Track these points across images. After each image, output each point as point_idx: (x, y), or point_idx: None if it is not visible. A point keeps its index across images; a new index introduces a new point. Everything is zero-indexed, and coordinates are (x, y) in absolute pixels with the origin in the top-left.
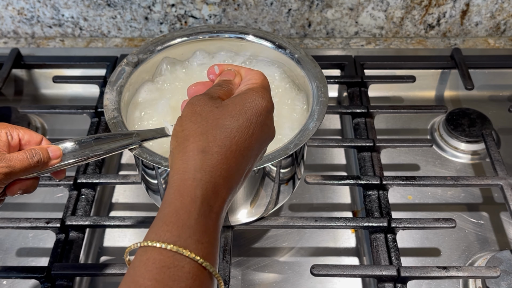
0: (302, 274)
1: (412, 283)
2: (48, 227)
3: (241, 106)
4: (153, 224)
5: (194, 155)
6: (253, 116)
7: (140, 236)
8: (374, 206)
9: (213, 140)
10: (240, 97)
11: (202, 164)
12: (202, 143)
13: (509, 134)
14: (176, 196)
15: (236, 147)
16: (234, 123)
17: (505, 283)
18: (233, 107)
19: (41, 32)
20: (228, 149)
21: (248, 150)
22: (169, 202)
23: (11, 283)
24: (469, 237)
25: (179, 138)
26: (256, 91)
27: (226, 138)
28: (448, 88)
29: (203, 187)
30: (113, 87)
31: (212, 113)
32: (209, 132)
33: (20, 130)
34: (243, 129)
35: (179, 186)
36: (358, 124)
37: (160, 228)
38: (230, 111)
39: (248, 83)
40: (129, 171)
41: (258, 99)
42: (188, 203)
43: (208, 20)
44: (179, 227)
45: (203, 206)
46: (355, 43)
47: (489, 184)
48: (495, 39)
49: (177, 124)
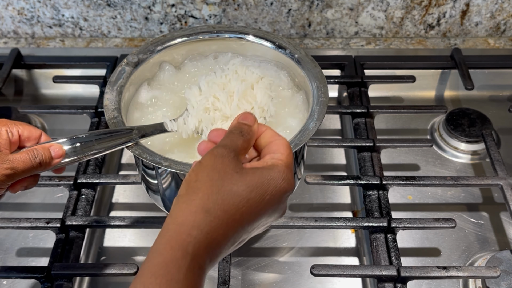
0: (302, 274)
1: (412, 283)
2: (48, 227)
3: (260, 181)
4: (140, 272)
5: (197, 212)
6: (268, 194)
7: (140, 236)
8: (374, 206)
9: (221, 203)
10: (262, 171)
11: (201, 224)
12: (209, 203)
13: (509, 134)
14: (167, 247)
15: (240, 217)
16: (247, 194)
17: (505, 283)
18: (252, 178)
19: (41, 32)
20: (231, 217)
21: (250, 223)
22: (159, 252)
23: (11, 283)
24: (469, 237)
25: (190, 188)
26: (280, 170)
27: (233, 206)
28: (448, 88)
29: (195, 245)
30: (113, 87)
31: (231, 177)
32: (220, 194)
33: (19, 126)
34: (253, 203)
35: (172, 237)
36: (358, 124)
37: (148, 280)
38: (248, 181)
39: (274, 157)
40: (129, 171)
41: (279, 179)
42: (179, 257)
43: (208, 20)
44: (168, 281)
45: (192, 263)
46: (355, 43)
47: (489, 184)
48: (495, 39)
49: (194, 171)
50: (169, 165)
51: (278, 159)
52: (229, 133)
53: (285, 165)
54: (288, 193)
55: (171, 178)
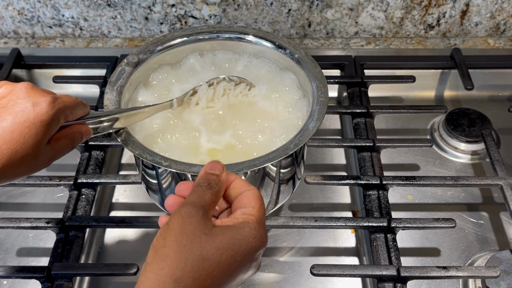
0: (302, 274)
1: (412, 283)
2: (48, 227)
3: (231, 241)
4: None
5: (166, 282)
6: (239, 255)
7: (139, 236)
8: (374, 206)
9: (190, 270)
10: (232, 231)
11: None
12: (178, 272)
13: (509, 134)
14: None
15: (211, 282)
16: (217, 258)
17: (504, 283)
18: (222, 239)
19: (41, 32)
20: (201, 284)
21: (222, 286)
22: None
23: (11, 283)
24: (469, 237)
25: (157, 255)
26: (251, 227)
27: (204, 272)
28: (448, 88)
29: None
30: (113, 87)
31: (200, 240)
32: (189, 261)
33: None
34: (224, 266)
35: None
36: (358, 124)
37: None
38: (218, 243)
39: (245, 212)
40: (129, 171)
41: (250, 238)
42: None
43: (208, 20)
44: None
45: None
46: (355, 43)
47: (489, 184)
48: (495, 39)
49: (161, 235)
50: (169, 165)
51: (249, 214)
52: (197, 187)
53: (257, 221)
54: (261, 250)
55: (171, 178)
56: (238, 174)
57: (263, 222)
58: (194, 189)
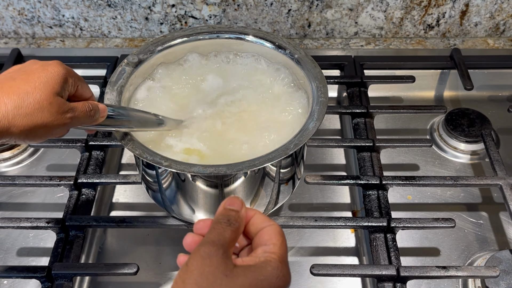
0: (302, 274)
1: (412, 283)
2: (48, 226)
3: (253, 283)
4: None
5: None
6: None
7: (139, 236)
8: (373, 206)
9: None
10: (254, 272)
11: None
12: None
13: (508, 134)
14: None
15: None
16: None
17: (504, 283)
18: (244, 281)
19: (41, 33)
20: None
21: None
22: None
23: (11, 283)
24: (469, 237)
25: None
26: (273, 267)
27: None
28: (448, 88)
29: None
30: (113, 87)
31: (221, 282)
32: None
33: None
34: None
35: None
36: (357, 124)
37: None
38: (239, 285)
39: (267, 251)
40: (129, 171)
41: (273, 278)
42: None
43: (208, 21)
44: None
45: None
46: (354, 43)
47: (489, 184)
48: (495, 40)
49: (180, 278)
50: (169, 165)
51: (271, 252)
52: (216, 224)
53: (279, 259)
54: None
55: (171, 178)
56: (238, 174)
57: (285, 260)
58: (213, 226)
